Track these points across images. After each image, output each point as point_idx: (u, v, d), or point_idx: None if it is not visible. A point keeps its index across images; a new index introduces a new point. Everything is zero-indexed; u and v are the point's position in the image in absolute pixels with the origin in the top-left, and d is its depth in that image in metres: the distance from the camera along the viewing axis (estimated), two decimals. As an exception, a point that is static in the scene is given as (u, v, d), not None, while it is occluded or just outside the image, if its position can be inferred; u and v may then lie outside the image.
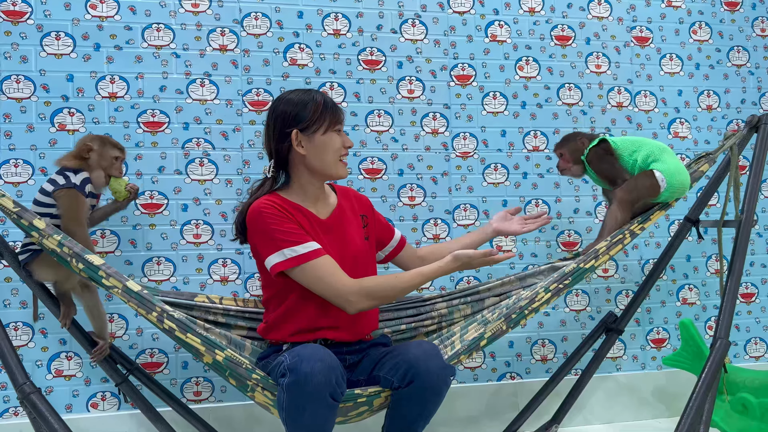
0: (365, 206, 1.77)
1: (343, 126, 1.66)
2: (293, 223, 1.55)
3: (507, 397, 2.19)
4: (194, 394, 2.02)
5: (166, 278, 2.01)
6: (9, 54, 1.94)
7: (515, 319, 1.61)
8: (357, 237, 1.66)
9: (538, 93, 2.29)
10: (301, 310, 1.59)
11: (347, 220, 1.67)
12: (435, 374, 1.40)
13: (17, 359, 1.35)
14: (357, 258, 1.64)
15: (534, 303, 1.62)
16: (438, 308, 1.84)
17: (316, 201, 1.65)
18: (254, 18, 2.10)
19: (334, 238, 1.62)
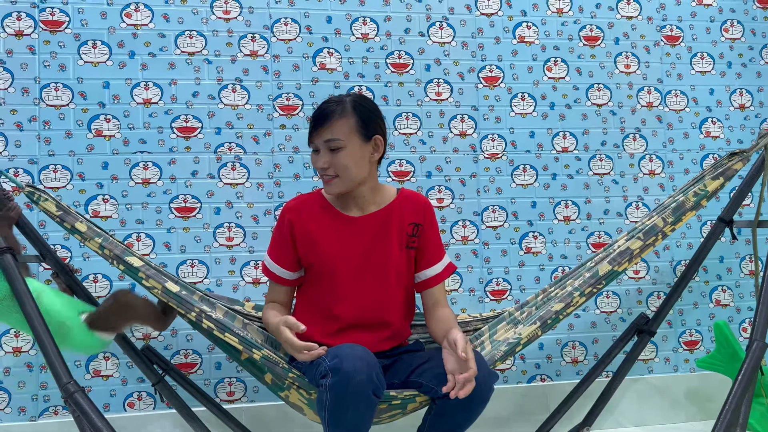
0: (423, 214, 1.68)
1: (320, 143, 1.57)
2: (288, 243, 1.64)
3: (537, 399, 2.18)
4: (227, 394, 2.05)
5: (200, 280, 2.05)
6: (48, 63, 2.00)
7: (550, 324, 1.61)
8: (390, 243, 1.64)
9: (566, 94, 2.28)
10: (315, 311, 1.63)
11: (386, 225, 1.65)
12: (482, 383, 1.39)
13: (61, 359, 1.39)
14: (381, 262, 1.63)
15: (569, 308, 1.62)
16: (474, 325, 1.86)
17: (351, 201, 1.66)
18: (284, 24, 2.13)
19: (360, 238, 1.63)
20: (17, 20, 1.99)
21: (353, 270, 1.62)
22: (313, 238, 1.63)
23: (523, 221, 2.24)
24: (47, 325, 1.43)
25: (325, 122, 1.56)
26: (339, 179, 1.57)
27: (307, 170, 2.13)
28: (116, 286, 2.01)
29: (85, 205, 2.00)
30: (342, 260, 1.62)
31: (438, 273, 1.68)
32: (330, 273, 1.62)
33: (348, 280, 1.61)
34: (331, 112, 1.56)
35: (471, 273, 2.19)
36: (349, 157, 1.56)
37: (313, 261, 1.63)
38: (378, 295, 1.63)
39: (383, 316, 1.64)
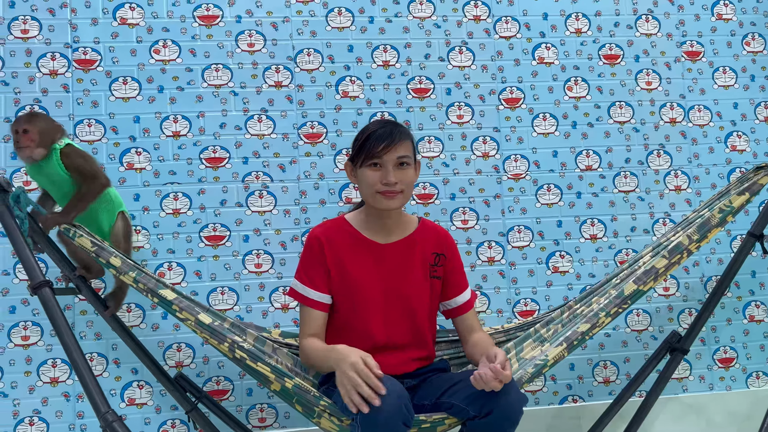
0: (445, 246, 1.72)
1: (390, 159, 1.61)
2: (322, 267, 1.65)
3: (569, 421, 2.16)
4: (259, 421, 2.07)
5: (230, 307, 2.08)
6: (81, 100, 2.07)
7: (576, 345, 1.60)
8: (414, 272, 1.67)
9: (588, 112, 2.29)
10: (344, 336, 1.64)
11: (411, 253, 1.68)
12: (513, 405, 1.40)
13: (99, 389, 1.42)
14: (406, 288, 1.66)
15: (595, 328, 1.61)
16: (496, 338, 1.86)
17: (378, 227, 1.69)
18: (307, 54, 2.18)
19: (386, 265, 1.67)
20: (52, 60, 2.07)
21: (379, 295, 1.64)
22: (342, 262, 1.66)
23: (549, 241, 2.23)
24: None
25: (395, 140, 1.62)
26: (402, 195, 1.64)
27: (332, 195, 2.16)
28: (149, 315, 2.05)
29: (118, 236, 2.05)
30: (369, 285, 1.65)
31: (467, 300, 1.73)
32: (357, 297, 1.65)
33: (374, 305, 1.64)
34: (398, 131, 1.63)
35: (498, 294, 2.19)
36: (414, 176, 1.66)
37: (342, 285, 1.66)
38: (404, 320, 1.65)
39: (412, 340, 1.66)
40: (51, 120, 1.76)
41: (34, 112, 1.78)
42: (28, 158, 1.70)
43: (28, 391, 1.97)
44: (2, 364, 1.97)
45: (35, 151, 1.69)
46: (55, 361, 1.99)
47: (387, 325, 1.64)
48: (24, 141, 1.68)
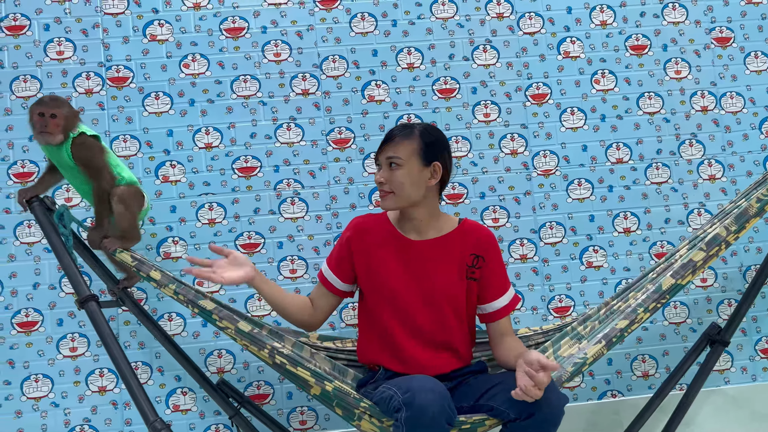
0: (485, 248, 1.71)
1: (383, 159, 1.68)
2: (343, 253, 1.75)
3: (609, 416, 2.14)
4: (300, 423, 2.10)
5: (267, 313, 2.13)
6: (116, 116, 2.14)
7: (615, 342, 1.60)
8: (449, 270, 1.69)
9: (617, 105, 2.27)
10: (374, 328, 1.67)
11: (445, 252, 1.70)
12: (554, 406, 1.41)
13: (146, 398, 1.47)
14: (438, 287, 1.68)
15: (634, 324, 1.60)
16: (535, 339, 1.86)
17: (411, 225, 1.72)
18: (332, 61, 2.21)
19: (416, 263, 1.69)
20: (87, 79, 2.14)
21: (409, 291, 1.67)
22: (371, 255, 1.71)
23: (582, 236, 2.22)
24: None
25: (390, 141, 1.69)
26: (393, 195, 1.67)
27: (362, 199, 2.18)
28: (189, 324, 2.10)
29: (156, 247, 2.11)
30: (396, 280, 1.67)
31: (504, 306, 1.71)
32: (384, 291, 1.69)
33: (404, 301, 1.67)
34: (398, 133, 1.69)
35: (532, 291, 2.19)
36: (405, 176, 1.66)
37: (368, 276, 1.70)
38: (436, 319, 1.67)
39: (442, 340, 1.67)
40: (71, 106, 1.74)
41: (58, 96, 1.73)
42: (47, 142, 1.68)
43: (78, 400, 2.05)
44: (53, 375, 2.04)
45: (56, 137, 1.67)
46: (102, 371, 2.06)
47: (413, 321, 1.66)
48: (51, 126, 1.65)
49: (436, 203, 1.73)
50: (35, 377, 2.04)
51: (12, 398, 2.03)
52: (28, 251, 2.07)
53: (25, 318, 2.05)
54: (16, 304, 2.05)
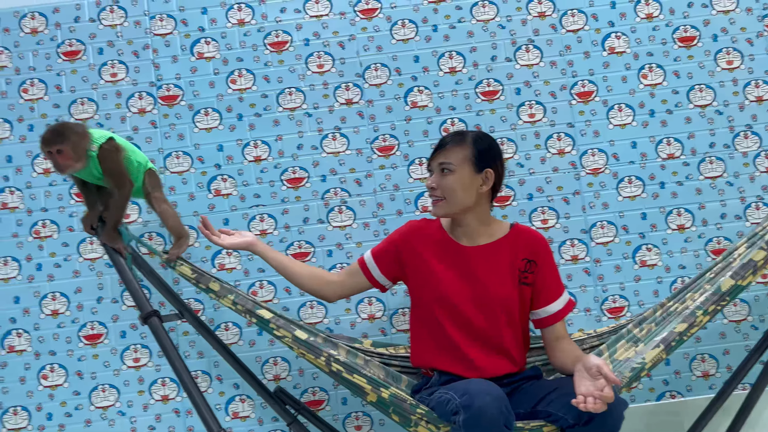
0: (538, 252, 1.71)
1: (435, 165, 1.72)
2: (391, 250, 1.80)
3: (669, 417, 2.10)
4: (355, 428, 2.13)
5: (319, 320, 2.16)
6: (168, 134, 2.21)
7: (675, 347, 1.57)
8: (501, 276, 1.69)
9: (666, 99, 2.21)
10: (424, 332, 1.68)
11: (497, 258, 1.70)
12: (613, 411, 1.40)
13: (209, 408, 1.53)
14: (490, 293, 1.68)
15: (693, 327, 1.57)
16: (590, 343, 1.84)
17: (461, 231, 1.73)
18: (374, 69, 2.23)
19: (467, 269, 1.70)
20: (139, 99, 2.22)
21: (462, 296, 1.68)
22: (421, 259, 1.73)
23: (634, 234, 2.18)
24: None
25: (442, 148, 1.72)
26: (445, 202, 1.69)
27: (409, 206, 2.20)
28: (246, 333, 2.16)
29: (211, 259, 2.17)
30: (450, 285, 1.68)
31: (558, 310, 1.70)
32: (439, 296, 1.70)
33: (457, 305, 1.68)
34: (450, 140, 1.72)
35: (585, 293, 2.16)
36: (457, 182, 1.67)
37: (422, 282, 1.73)
38: (489, 323, 1.67)
39: (496, 343, 1.67)
40: (76, 127, 1.69)
41: (59, 127, 1.68)
42: (70, 173, 1.70)
43: (142, 408, 2.13)
44: (118, 385, 2.13)
45: (76, 166, 1.67)
46: (164, 380, 2.13)
47: (468, 324, 1.67)
48: (62, 161, 1.64)
49: (487, 209, 1.73)
50: (102, 387, 2.13)
51: (82, 408, 2.12)
52: (91, 267, 2.16)
53: (90, 331, 2.14)
54: (82, 318, 2.14)
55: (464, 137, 1.71)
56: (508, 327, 1.68)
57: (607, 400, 1.35)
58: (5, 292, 2.14)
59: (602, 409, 1.35)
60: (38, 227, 2.17)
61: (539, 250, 1.71)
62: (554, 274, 1.72)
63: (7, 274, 2.15)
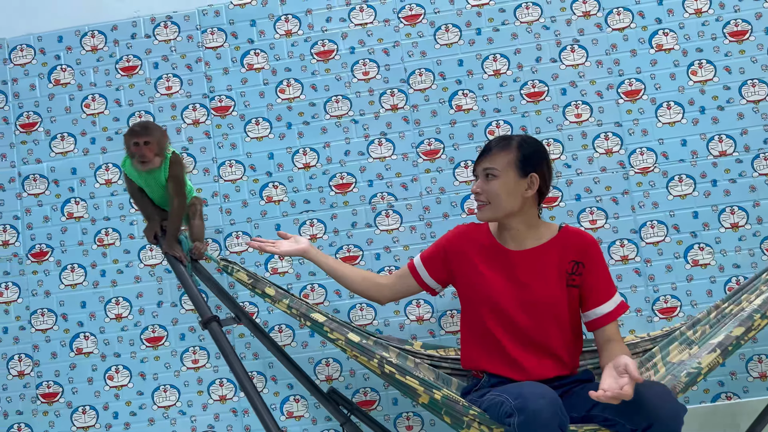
0: (586, 254, 1.70)
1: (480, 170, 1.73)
2: (441, 251, 1.83)
3: (725, 419, 2.07)
4: (406, 428, 2.17)
5: (369, 322, 2.21)
6: (221, 144, 2.29)
7: (732, 351, 1.55)
8: (548, 279, 1.70)
9: (717, 95, 2.17)
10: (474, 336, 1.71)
11: (544, 261, 1.71)
12: (673, 417, 1.39)
13: (267, 410, 1.59)
14: (537, 296, 1.69)
15: (751, 331, 1.55)
16: (643, 346, 1.83)
17: (509, 235, 1.75)
18: (419, 74, 2.26)
19: (515, 273, 1.72)
20: (193, 111, 2.31)
21: (509, 299, 1.69)
22: (469, 264, 1.76)
23: (685, 233, 2.15)
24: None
25: (487, 153, 1.73)
26: (490, 206, 1.71)
27: (455, 208, 2.22)
28: (298, 334, 2.22)
29: (264, 263, 2.24)
30: (497, 289, 1.70)
31: (608, 312, 1.68)
32: (487, 300, 1.72)
33: (505, 309, 1.69)
34: (495, 144, 1.73)
35: (635, 293, 2.14)
36: (501, 187, 1.69)
37: (470, 285, 1.76)
38: (537, 327, 1.68)
39: (545, 346, 1.67)
40: (160, 127, 1.84)
41: (146, 123, 1.83)
42: (148, 168, 1.78)
43: (201, 408, 2.22)
44: (178, 386, 2.23)
45: (155, 161, 1.77)
46: (221, 381, 2.22)
47: (516, 327, 1.68)
48: (147, 154, 1.75)
49: (534, 213, 1.74)
50: (164, 388, 2.23)
51: (145, 407, 2.23)
52: (151, 272, 2.26)
53: (152, 334, 2.24)
54: (144, 322, 2.25)
55: (509, 142, 1.72)
56: (556, 330, 1.68)
57: (625, 397, 1.35)
58: (73, 297, 2.27)
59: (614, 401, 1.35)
60: (101, 235, 2.28)
61: (587, 251, 1.70)
62: (603, 275, 1.71)
63: (74, 281, 2.27)
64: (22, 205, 2.31)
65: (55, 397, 2.24)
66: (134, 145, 1.77)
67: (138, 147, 1.76)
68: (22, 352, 2.26)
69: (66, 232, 2.29)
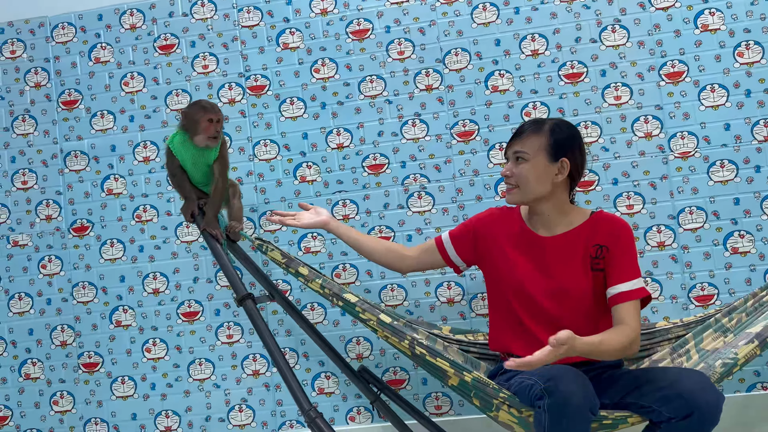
0: (612, 237, 1.66)
1: (511, 153, 1.71)
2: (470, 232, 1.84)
3: (761, 411, 2.03)
4: (435, 408, 2.20)
5: (400, 303, 2.22)
6: (256, 123, 2.31)
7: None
8: (574, 265, 1.68)
9: (764, 78, 2.10)
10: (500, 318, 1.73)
11: (572, 247, 1.69)
12: (713, 406, 1.38)
13: (300, 387, 1.62)
14: (562, 281, 1.67)
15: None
16: (675, 332, 1.80)
17: (539, 220, 1.74)
18: (454, 54, 2.23)
19: (543, 258, 1.71)
20: (229, 90, 2.33)
21: (536, 284, 1.69)
22: (497, 247, 1.77)
23: (725, 220, 2.10)
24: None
25: (519, 136, 1.72)
26: (518, 190, 1.70)
27: (488, 191, 2.20)
28: (330, 313, 2.25)
29: (298, 242, 2.27)
30: (524, 274, 1.70)
31: (624, 291, 1.61)
32: (514, 284, 1.72)
33: (531, 294, 1.69)
34: (527, 128, 1.71)
35: (671, 280, 2.11)
36: (531, 171, 1.67)
37: (496, 268, 1.76)
38: (563, 312, 1.67)
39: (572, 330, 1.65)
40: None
41: (212, 102, 1.96)
42: (213, 146, 1.88)
43: (235, 382, 2.27)
44: (213, 360, 2.28)
45: (219, 138, 1.88)
46: (255, 356, 2.27)
47: (542, 312, 1.68)
48: (220, 130, 1.88)
49: (565, 198, 1.72)
50: (199, 361, 2.29)
51: (181, 380, 2.29)
52: (188, 249, 2.31)
53: (188, 309, 2.30)
54: (180, 297, 2.30)
55: (542, 125, 1.69)
56: (583, 316, 1.67)
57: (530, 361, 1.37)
58: (112, 271, 2.33)
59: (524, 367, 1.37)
60: (140, 212, 2.33)
61: (616, 234, 1.65)
62: (628, 258, 1.65)
63: (114, 255, 2.34)
64: (64, 181, 2.37)
65: (95, 367, 2.32)
66: (208, 122, 1.85)
67: (211, 123, 1.85)
68: (64, 323, 2.34)
69: (105, 208, 2.35)
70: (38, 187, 2.38)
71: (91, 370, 2.33)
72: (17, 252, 2.37)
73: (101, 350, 2.32)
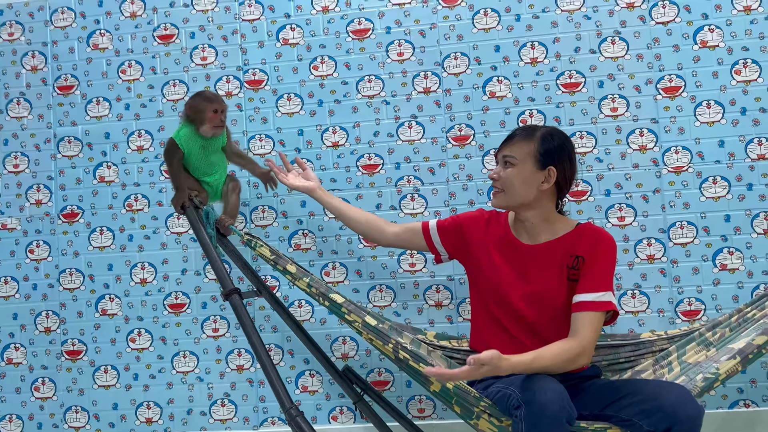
0: (590, 249, 1.65)
1: (500, 157, 1.74)
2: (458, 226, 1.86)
3: (742, 427, 2.04)
4: (418, 411, 2.19)
5: (388, 304, 2.22)
6: (253, 117, 2.30)
7: (752, 359, 1.52)
8: (550, 274, 1.68)
9: (760, 97, 2.11)
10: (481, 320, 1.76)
11: (551, 256, 1.69)
12: (694, 420, 1.39)
13: (282, 385, 1.62)
14: (541, 295, 1.68)
15: (774, 340, 1.52)
16: (659, 345, 1.80)
17: (522, 228, 1.75)
18: (454, 58, 2.23)
19: (522, 265, 1.72)
20: (227, 83, 2.32)
21: (515, 291, 1.71)
22: (481, 249, 1.78)
23: (715, 236, 2.11)
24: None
25: (510, 141, 1.73)
26: (503, 194, 1.72)
27: (481, 196, 2.20)
28: (317, 311, 2.24)
29: (288, 239, 2.26)
30: (504, 280, 1.72)
31: (585, 301, 1.59)
32: (494, 288, 1.74)
33: (510, 300, 1.71)
34: (519, 134, 1.72)
35: (659, 293, 2.11)
36: (517, 176, 1.69)
37: (479, 271, 1.79)
38: (542, 320, 1.68)
39: (548, 342, 1.65)
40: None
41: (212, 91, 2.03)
42: (218, 135, 1.94)
43: (219, 376, 2.26)
44: (198, 353, 2.27)
45: (224, 127, 1.94)
46: (240, 351, 2.26)
47: (521, 318, 1.69)
48: (224, 120, 1.91)
49: (551, 207, 1.72)
50: (183, 353, 2.28)
51: (164, 371, 2.28)
52: (177, 240, 2.30)
53: (174, 300, 2.29)
54: (168, 288, 2.29)
55: (534, 132, 1.69)
56: (558, 322, 1.67)
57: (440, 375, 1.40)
58: (100, 259, 2.32)
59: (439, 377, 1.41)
60: (131, 201, 2.32)
61: (595, 246, 1.64)
62: (600, 269, 1.63)
63: (103, 243, 2.32)
64: (56, 166, 2.36)
65: (78, 355, 2.31)
66: (214, 112, 1.89)
67: (217, 114, 1.89)
68: (49, 309, 2.32)
69: (97, 196, 2.33)
70: (30, 171, 2.37)
71: (74, 358, 2.31)
72: (5, 236, 2.36)
73: (85, 338, 2.31)
